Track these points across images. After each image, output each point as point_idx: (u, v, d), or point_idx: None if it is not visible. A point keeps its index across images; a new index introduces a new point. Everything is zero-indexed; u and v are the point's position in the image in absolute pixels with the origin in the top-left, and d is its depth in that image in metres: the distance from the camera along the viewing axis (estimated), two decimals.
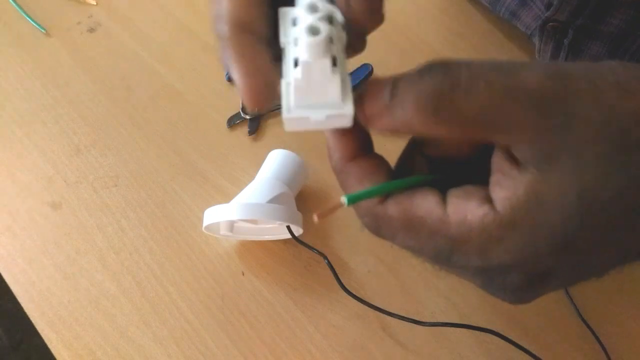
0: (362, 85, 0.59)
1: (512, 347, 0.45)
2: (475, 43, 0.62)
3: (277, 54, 0.25)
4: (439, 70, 0.22)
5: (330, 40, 0.23)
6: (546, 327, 0.47)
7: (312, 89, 0.23)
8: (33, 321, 0.49)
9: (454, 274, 0.28)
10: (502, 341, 0.45)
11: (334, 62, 0.23)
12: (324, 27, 0.22)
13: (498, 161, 0.24)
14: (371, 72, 0.59)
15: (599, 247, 0.23)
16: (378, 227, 0.26)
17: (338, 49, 0.24)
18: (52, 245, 0.52)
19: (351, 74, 0.60)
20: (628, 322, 0.47)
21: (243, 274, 0.50)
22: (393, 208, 0.25)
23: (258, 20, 0.25)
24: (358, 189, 0.26)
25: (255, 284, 0.50)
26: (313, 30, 0.22)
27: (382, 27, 0.27)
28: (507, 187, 0.23)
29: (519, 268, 0.24)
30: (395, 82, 0.23)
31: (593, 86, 0.22)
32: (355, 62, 0.60)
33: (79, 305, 0.49)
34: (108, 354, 0.47)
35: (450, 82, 0.21)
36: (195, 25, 0.65)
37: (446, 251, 0.24)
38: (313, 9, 0.23)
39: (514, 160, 0.23)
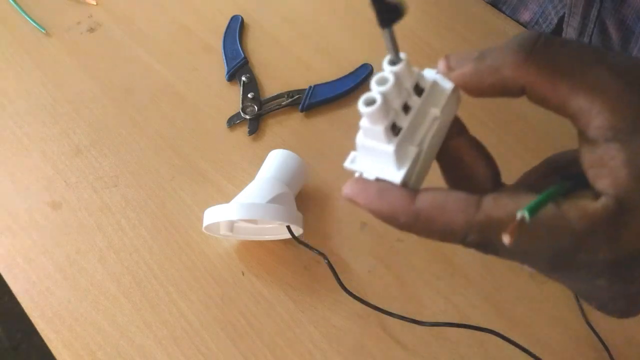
0: (362, 85, 0.59)
1: (512, 347, 0.45)
2: (475, 41, 0.62)
3: None
4: (536, 32, 0.23)
5: (387, 111, 0.24)
6: (546, 327, 0.47)
7: (370, 151, 0.25)
8: (33, 321, 0.49)
9: (566, 281, 0.26)
10: (502, 341, 0.45)
11: (396, 130, 0.24)
12: (379, 99, 0.24)
13: (586, 157, 0.24)
14: (371, 72, 0.59)
15: None
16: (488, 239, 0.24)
17: (414, 119, 0.25)
18: (52, 245, 0.52)
19: (351, 74, 0.60)
20: (636, 327, 0.47)
21: (243, 274, 0.50)
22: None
23: None
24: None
25: (255, 284, 0.50)
26: (368, 101, 0.24)
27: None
28: (607, 174, 0.23)
29: None
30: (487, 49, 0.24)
31: None
32: (355, 63, 0.60)
33: (79, 305, 0.49)
34: (108, 354, 0.47)
35: (546, 37, 0.23)
36: (195, 25, 0.65)
37: (570, 249, 0.23)
38: (381, 82, 0.25)
39: (596, 144, 0.23)
